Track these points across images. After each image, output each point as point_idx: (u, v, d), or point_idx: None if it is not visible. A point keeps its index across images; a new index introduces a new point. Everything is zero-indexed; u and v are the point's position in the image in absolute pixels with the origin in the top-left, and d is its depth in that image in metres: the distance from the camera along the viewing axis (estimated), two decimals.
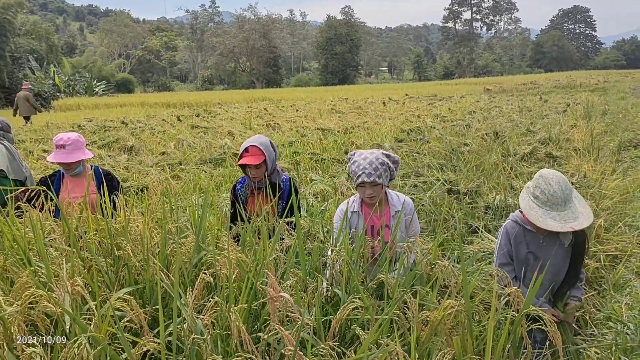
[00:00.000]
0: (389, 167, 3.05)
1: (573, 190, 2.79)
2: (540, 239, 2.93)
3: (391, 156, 3.11)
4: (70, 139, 3.71)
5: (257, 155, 3.43)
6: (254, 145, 3.45)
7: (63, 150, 3.68)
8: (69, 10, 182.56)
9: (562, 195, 2.70)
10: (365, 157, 3.05)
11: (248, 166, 3.45)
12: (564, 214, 2.69)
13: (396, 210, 3.13)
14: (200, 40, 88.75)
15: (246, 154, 3.45)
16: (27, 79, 38.93)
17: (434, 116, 15.16)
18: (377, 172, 2.98)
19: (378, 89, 44.37)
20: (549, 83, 37.16)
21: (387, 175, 3.05)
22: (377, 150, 3.10)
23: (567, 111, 15.64)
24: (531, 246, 2.95)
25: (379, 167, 2.99)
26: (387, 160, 3.05)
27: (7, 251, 2.42)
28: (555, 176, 2.76)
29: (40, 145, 11.14)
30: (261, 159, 3.41)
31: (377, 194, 3.07)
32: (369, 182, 2.99)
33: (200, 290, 2.14)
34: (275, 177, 3.58)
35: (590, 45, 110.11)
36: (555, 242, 2.90)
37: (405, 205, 3.16)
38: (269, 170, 3.50)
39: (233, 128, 13.56)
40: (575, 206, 2.73)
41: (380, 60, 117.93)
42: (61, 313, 1.91)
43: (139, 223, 2.64)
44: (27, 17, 59.96)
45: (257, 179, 3.48)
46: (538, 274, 2.76)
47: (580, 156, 8.13)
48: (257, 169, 3.44)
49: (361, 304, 2.16)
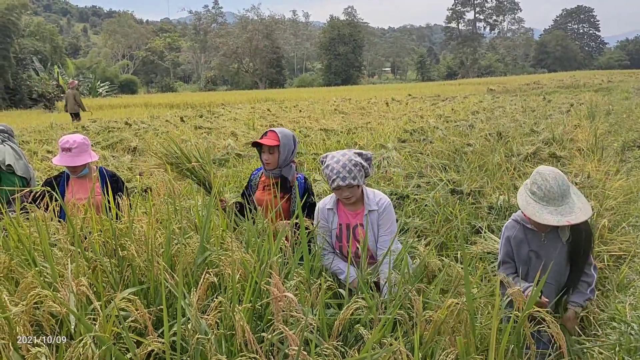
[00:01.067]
0: (362, 166, 3.03)
1: (571, 186, 2.79)
2: (541, 237, 2.92)
3: (363, 154, 3.10)
4: (76, 141, 3.71)
5: (272, 139, 3.50)
6: (273, 131, 3.54)
7: (69, 153, 3.68)
8: (73, 11, 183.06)
9: (558, 190, 2.69)
10: (338, 160, 3.02)
11: (263, 150, 3.52)
12: (561, 208, 2.68)
13: (369, 210, 3.12)
14: (204, 41, 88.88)
15: (265, 137, 3.53)
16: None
17: (437, 116, 15.15)
18: (352, 174, 2.97)
19: (381, 89, 44.36)
20: (552, 83, 37.10)
21: (361, 175, 3.03)
22: (348, 151, 3.08)
23: (571, 111, 15.61)
24: (533, 245, 2.94)
25: (352, 168, 2.98)
26: (359, 160, 3.04)
27: (13, 251, 2.44)
28: (552, 172, 2.76)
29: (45, 146, 11.17)
30: (275, 143, 3.47)
31: (354, 194, 3.08)
32: (345, 185, 2.99)
33: (204, 290, 2.15)
34: (287, 172, 3.60)
35: (593, 45, 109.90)
36: (558, 240, 2.90)
37: (379, 205, 3.13)
38: (281, 160, 3.53)
39: (236, 129, 13.58)
40: (574, 201, 2.72)
41: (384, 61, 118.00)
42: (66, 313, 1.92)
43: (143, 223, 2.65)
44: (31, 19, 60.24)
45: (268, 164, 3.53)
46: (541, 274, 2.78)
47: (584, 156, 8.11)
48: (270, 153, 3.49)
49: (364, 304, 2.17)
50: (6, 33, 40.89)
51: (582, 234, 2.88)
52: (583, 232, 2.88)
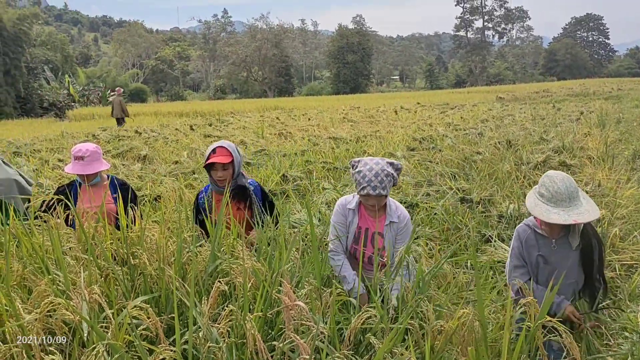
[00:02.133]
0: (393, 177, 3.04)
1: (580, 190, 2.80)
2: (552, 243, 2.92)
3: (394, 164, 3.10)
4: (89, 150, 3.74)
5: (225, 155, 3.44)
6: (222, 147, 3.48)
7: (81, 162, 3.71)
8: (84, 21, 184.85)
9: (566, 192, 2.71)
10: (371, 168, 3.01)
11: (214, 168, 3.44)
12: (569, 209, 2.70)
13: (391, 221, 3.12)
14: (213, 50, 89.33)
15: (214, 154, 3.44)
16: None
17: (446, 125, 15.13)
18: (383, 184, 2.97)
19: (390, 97, 44.37)
20: (562, 91, 36.94)
21: (391, 185, 3.04)
22: (382, 160, 3.07)
23: (581, 119, 15.54)
24: (542, 250, 2.94)
25: (384, 179, 2.98)
26: (391, 170, 3.04)
27: (26, 259, 2.46)
28: (560, 175, 2.79)
29: (56, 154, 11.26)
30: (229, 159, 3.42)
31: (380, 203, 3.09)
32: (374, 194, 2.98)
33: (215, 299, 2.16)
34: (242, 180, 3.57)
35: (603, 53, 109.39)
36: (568, 247, 2.90)
37: (400, 218, 3.14)
38: (235, 173, 3.50)
39: (245, 137, 13.63)
40: (582, 203, 2.73)
41: (392, 69, 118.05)
42: (79, 321, 1.93)
43: (154, 232, 2.66)
44: (42, 28, 60.93)
45: (222, 181, 3.46)
46: (554, 283, 2.78)
47: (595, 165, 8.07)
48: (225, 170, 3.44)
49: (375, 313, 2.17)
50: (18, 43, 41.33)
51: (591, 240, 2.87)
52: (593, 238, 2.88)
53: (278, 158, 9.66)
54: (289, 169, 8.47)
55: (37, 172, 8.86)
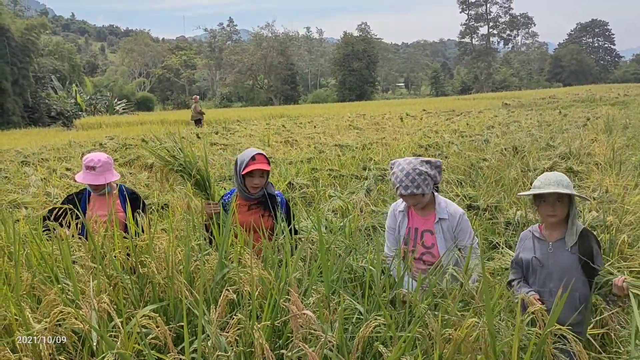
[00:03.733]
0: (428, 174, 3.02)
1: (572, 186, 2.88)
2: (549, 245, 2.94)
3: (432, 161, 3.09)
4: (101, 160, 3.77)
5: (265, 162, 3.46)
6: (261, 154, 3.48)
7: (93, 172, 3.73)
8: (91, 30, 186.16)
9: (554, 178, 2.82)
10: (403, 168, 3.03)
11: (252, 175, 3.43)
12: (563, 189, 2.79)
13: (440, 218, 3.12)
14: (219, 59, 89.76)
15: (253, 162, 3.43)
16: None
17: (452, 131, 15.12)
18: (415, 183, 2.98)
19: (395, 104, 44.39)
20: (568, 97, 36.87)
21: (427, 184, 3.02)
22: (415, 159, 3.07)
23: (587, 125, 15.50)
24: (538, 252, 2.97)
25: (416, 178, 2.98)
26: (425, 168, 3.03)
27: (35, 269, 2.47)
28: (555, 172, 2.94)
29: (63, 163, 11.32)
30: (269, 168, 3.45)
31: (419, 202, 3.10)
32: (407, 194, 3.01)
33: (223, 308, 2.16)
34: (271, 189, 3.60)
35: (609, 59, 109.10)
36: (563, 248, 2.91)
37: (452, 215, 3.13)
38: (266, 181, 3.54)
39: (252, 145, 13.66)
40: (568, 189, 2.81)
41: (397, 76, 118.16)
42: (88, 330, 1.94)
43: (162, 240, 2.67)
44: (50, 38, 61.41)
45: (256, 188, 3.47)
46: (545, 282, 2.92)
47: (602, 171, 8.04)
48: (262, 177, 3.46)
49: (383, 321, 2.17)
50: (26, 52, 41.69)
51: (589, 243, 2.87)
52: (590, 240, 2.88)
53: (284, 166, 9.67)
54: (295, 177, 8.48)
55: (45, 181, 8.91)
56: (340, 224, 5.54)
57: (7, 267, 2.51)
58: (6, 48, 39.35)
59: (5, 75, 39.03)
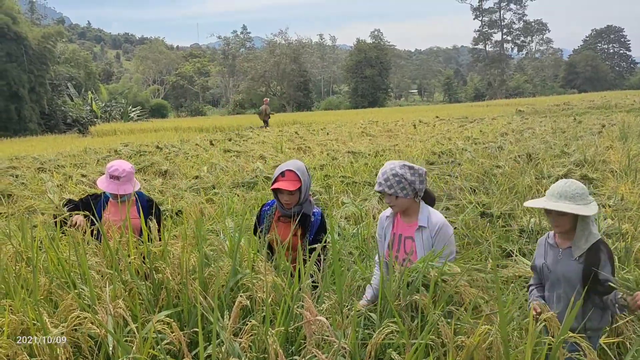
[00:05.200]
0: (404, 178, 3.03)
1: (585, 197, 2.78)
2: (559, 252, 2.94)
3: (415, 168, 3.08)
4: (125, 170, 3.79)
5: (293, 180, 3.27)
6: (291, 170, 3.30)
7: (117, 182, 3.76)
8: (107, 38, 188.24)
9: (560, 189, 2.77)
10: (384, 167, 3.12)
11: (281, 191, 3.30)
12: (552, 204, 2.75)
13: (420, 225, 3.13)
14: (232, 66, 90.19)
15: (282, 178, 3.29)
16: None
17: (465, 138, 15.07)
18: (388, 182, 3.03)
19: (408, 111, 44.32)
20: (583, 104, 36.57)
21: (401, 187, 3.03)
22: (398, 162, 3.11)
23: (603, 132, 15.37)
24: (548, 258, 2.99)
25: (390, 178, 3.03)
26: (403, 172, 3.04)
27: (52, 274, 2.51)
28: (570, 179, 2.87)
29: (79, 170, 11.45)
30: (297, 186, 3.26)
31: (394, 203, 3.11)
32: (378, 191, 3.09)
33: (237, 314, 2.18)
34: (308, 208, 3.41)
35: (624, 65, 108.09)
36: (570, 257, 2.90)
37: (432, 224, 3.12)
38: (302, 198, 3.35)
39: (265, 152, 13.72)
40: (574, 204, 2.73)
41: (410, 83, 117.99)
42: (105, 335, 1.97)
43: (177, 247, 2.70)
44: (66, 46, 62.19)
45: (289, 205, 3.33)
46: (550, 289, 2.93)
47: (617, 178, 7.97)
48: (291, 195, 3.28)
49: (396, 328, 2.17)
50: (42, 60, 42.30)
51: (598, 255, 2.79)
52: (599, 252, 2.80)
53: None
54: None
55: (61, 188, 9.01)
56: (353, 231, 5.56)
57: (25, 272, 2.55)
58: (23, 56, 39.96)
59: (22, 83, 39.61)
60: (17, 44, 39.71)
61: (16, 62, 39.54)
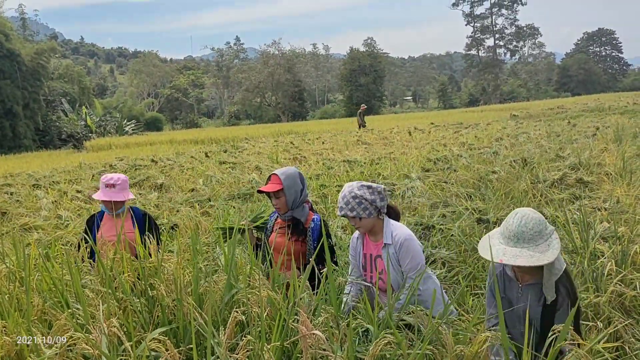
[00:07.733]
0: (364, 199, 3.02)
1: (544, 233, 2.43)
2: (518, 289, 2.65)
3: (373, 186, 3.08)
4: (120, 178, 3.96)
5: (274, 184, 3.42)
6: (275, 174, 3.47)
7: (112, 190, 3.91)
8: (100, 53, 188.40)
9: (516, 229, 2.41)
10: (343, 190, 3.11)
11: (269, 195, 3.47)
12: (511, 250, 2.40)
13: (385, 243, 3.12)
14: (226, 77, 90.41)
15: (268, 182, 3.49)
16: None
17: (460, 144, 15.10)
18: (349, 205, 3.03)
19: (403, 118, 44.45)
20: (576, 107, 36.71)
21: (363, 208, 3.02)
22: (356, 183, 3.11)
23: (597, 135, 15.41)
24: (508, 292, 2.71)
25: (350, 200, 3.03)
26: (362, 192, 3.03)
27: (46, 294, 2.49)
28: (524, 212, 2.48)
29: (74, 185, 11.41)
30: (277, 188, 3.39)
31: (359, 225, 3.11)
32: (341, 215, 3.08)
33: (232, 329, 2.16)
34: (299, 214, 3.49)
35: (617, 67, 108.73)
36: (536, 297, 2.58)
37: (395, 240, 3.09)
38: (290, 203, 3.44)
39: (260, 162, 13.72)
40: (534, 250, 2.38)
41: (405, 90, 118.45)
42: (98, 355, 1.95)
43: (171, 262, 2.69)
44: (59, 62, 62.23)
45: (278, 209, 3.49)
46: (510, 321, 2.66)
47: (613, 181, 7.98)
48: (277, 198, 3.43)
49: (393, 339, 2.16)
50: (36, 76, 42.35)
51: (559, 293, 2.49)
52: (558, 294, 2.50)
53: None
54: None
55: (56, 204, 8.98)
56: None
57: (18, 292, 2.53)
58: (17, 72, 39.99)
59: (16, 100, 39.62)
60: (10, 61, 39.75)
61: (9, 78, 39.59)
